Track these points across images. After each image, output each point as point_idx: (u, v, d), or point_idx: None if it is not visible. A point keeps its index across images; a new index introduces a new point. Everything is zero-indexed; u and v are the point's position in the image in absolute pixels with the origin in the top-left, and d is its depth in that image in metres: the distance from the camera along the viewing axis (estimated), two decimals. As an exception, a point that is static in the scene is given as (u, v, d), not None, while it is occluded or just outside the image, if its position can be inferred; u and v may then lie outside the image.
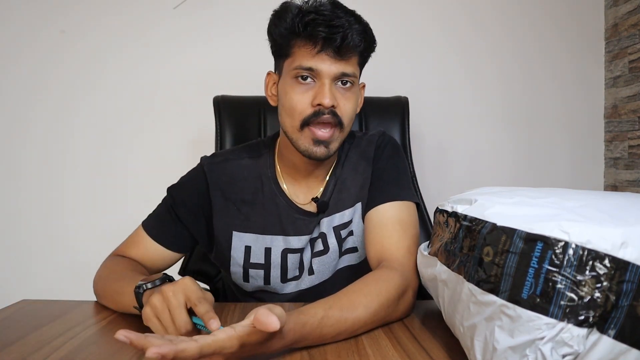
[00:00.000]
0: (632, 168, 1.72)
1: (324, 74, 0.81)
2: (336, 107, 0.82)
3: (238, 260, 0.92)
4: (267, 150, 0.96)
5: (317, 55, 0.80)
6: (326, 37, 0.78)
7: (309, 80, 0.82)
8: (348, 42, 0.79)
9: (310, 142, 0.83)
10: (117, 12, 1.71)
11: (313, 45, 0.80)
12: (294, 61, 0.82)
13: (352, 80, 0.84)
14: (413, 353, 0.60)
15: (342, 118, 0.83)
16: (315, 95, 0.81)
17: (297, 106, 0.82)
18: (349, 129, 0.87)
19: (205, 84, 1.63)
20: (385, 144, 0.97)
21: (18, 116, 1.71)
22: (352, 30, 0.79)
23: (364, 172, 0.94)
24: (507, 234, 0.48)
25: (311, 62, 0.80)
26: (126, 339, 0.48)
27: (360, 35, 0.81)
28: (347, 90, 0.84)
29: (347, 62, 0.82)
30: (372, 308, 0.68)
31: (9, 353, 0.61)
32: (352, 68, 0.83)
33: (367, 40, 0.84)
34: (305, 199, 0.94)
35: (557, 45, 1.83)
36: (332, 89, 0.82)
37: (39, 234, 1.72)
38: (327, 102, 0.80)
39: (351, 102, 0.85)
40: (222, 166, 0.94)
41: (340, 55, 0.80)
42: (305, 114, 0.82)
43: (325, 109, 0.81)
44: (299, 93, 0.82)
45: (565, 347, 0.43)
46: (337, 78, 0.82)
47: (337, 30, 0.78)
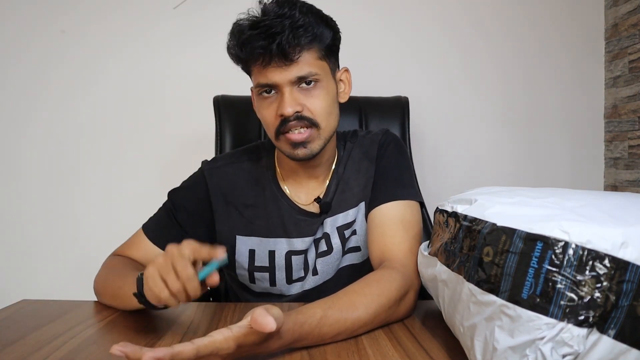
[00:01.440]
0: (632, 168, 1.72)
1: (280, 84, 0.80)
2: (302, 111, 0.82)
3: (243, 264, 0.92)
4: (266, 153, 0.96)
5: (266, 69, 0.79)
6: (264, 52, 0.77)
7: (272, 92, 0.82)
8: (286, 46, 0.77)
9: (289, 146, 0.84)
10: (117, 12, 1.71)
11: (259, 62, 0.79)
12: (254, 79, 0.84)
13: (314, 78, 0.82)
14: (413, 353, 0.60)
15: (313, 118, 0.82)
16: (278, 106, 0.82)
17: (266, 119, 0.84)
18: (330, 124, 0.86)
19: (205, 84, 1.63)
20: (389, 143, 0.96)
21: (18, 116, 1.70)
22: (293, 30, 0.77)
23: (367, 172, 0.94)
24: (507, 234, 0.48)
25: (264, 77, 0.80)
26: (121, 354, 0.48)
27: (306, 29, 0.78)
28: (312, 89, 0.82)
29: (300, 63, 0.79)
30: (372, 309, 0.68)
31: (9, 353, 0.61)
32: (309, 67, 0.80)
33: (316, 31, 0.80)
34: (307, 199, 0.93)
35: (557, 45, 1.83)
36: (292, 95, 0.81)
37: (39, 234, 1.71)
38: (288, 111, 0.80)
39: (319, 99, 0.83)
40: (223, 171, 0.94)
41: (288, 58, 0.78)
42: (275, 126, 0.83)
43: (288, 117, 0.81)
44: (265, 107, 0.84)
45: (565, 347, 0.43)
46: (295, 82, 0.81)
47: (272, 40, 0.76)
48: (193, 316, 0.76)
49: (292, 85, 0.81)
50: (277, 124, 0.83)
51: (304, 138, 0.82)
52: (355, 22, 1.74)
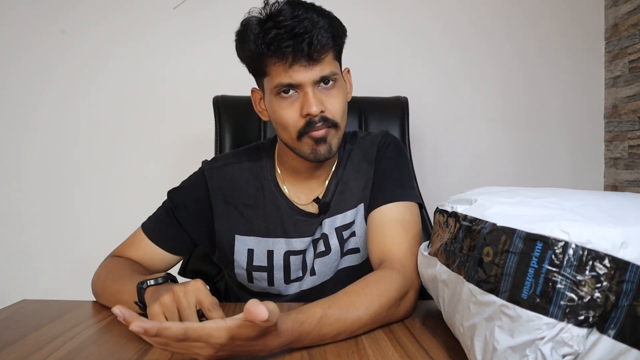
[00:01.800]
0: (632, 168, 1.72)
1: (303, 83, 0.80)
2: (325, 111, 0.82)
3: (241, 264, 0.92)
4: (266, 154, 0.97)
5: (290, 68, 0.79)
6: (293, 50, 0.77)
7: (291, 92, 0.82)
8: (316, 46, 0.77)
9: (312, 144, 0.83)
10: (117, 12, 1.71)
11: (283, 60, 0.78)
12: (272, 80, 0.82)
13: (333, 78, 0.83)
14: (413, 353, 0.60)
15: (334, 119, 0.83)
16: (301, 106, 0.81)
17: (288, 121, 0.82)
18: (344, 123, 0.87)
19: (205, 84, 1.63)
20: (388, 144, 0.96)
21: (18, 116, 1.71)
22: (317, 30, 0.78)
23: (366, 173, 0.94)
24: (507, 234, 0.48)
25: (287, 77, 0.79)
26: (120, 314, 0.51)
27: (327, 31, 0.79)
28: (331, 88, 0.83)
29: (323, 64, 0.81)
30: (372, 309, 0.67)
31: (9, 353, 0.61)
32: (329, 67, 0.82)
33: (335, 33, 0.82)
34: (306, 200, 0.94)
35: (557, 45, 1.83)
36: (315, 94, 0.81)
37: (39, 234, 1.72)
38: (314, 110, 0.80)
39: (338, 99, 0.84)
40: (223, 170, 0.94)
41: (314, 60, 0.79)
42: (299, 126, 0.82)
43: (314, 117, 0.81)
44: (286, 108, 0.82)
45: (565, 347, 0.43)
46: (318, 82, 0.82)
47: (302, 39, 0.76)
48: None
49: (314, 85, 0.81)
50: (302, 124, 0.82)
51: (324, 134, 0.83)
52: (355, 22, 1.73)
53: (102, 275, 0.85)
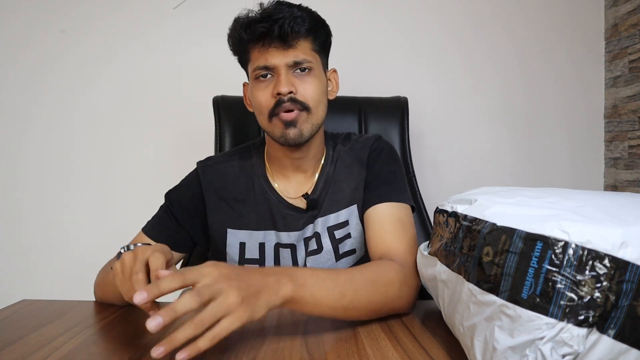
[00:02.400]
0: (632, 168, 1.72)
1: (277, 66, 0.85)
2: (295, 93, 0.86)
3: (233, 257, 0.94)
4: (256, 151, 1.00)
5: (266, 51, 0.85)
6: (265, 31, 0.83)
7: (268, 76, 0.87)
8: (287, 30, 0.83)
9: (282, 127, 0.87)
10: (117, 12, 1.71)
11: (260, 43, 0.85)
12: (252, 65, 0.88)
13: (308, 66, 0.87)
14: (413, 353, 0.60)
15: (305, 102, 0.87)
16: (274, 86, 0.86)
17: (261, 101, 0.87)
18: (320, 112, 0.90)
19: (205, 84, 1.63)
20: (382, 149, 0.98)
21: (18, 116, 1.71)
22: (291, 18, 0.83)
23: (358, 175, 0.96)
24: (507, 233, 0.48)
25: (263, 60, 0.85)
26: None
27: (303, 20, 0.85)
28: (305, 75, 0.87)
29: (297, 49, 0.86)
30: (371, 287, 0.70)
31: (9, 353, 0.61)
32: (304, 54, 0.86)
33: (312, 24, 0.87)
34: (295, 194, 0.96)
35: (557, 45, 1.83)
36: (288, 77, 0.85)
37: (39, 234, 1.72)
38: (283, 90, 0.84)
39: (312, 85, 0.87)
40: (215, 168, 0.98)
41: (287, 43, 0.84)
42: (270, 106, 0.86)
43: (284, 97, 0.85)
44: (261, 89, 0.87)
45: (565, 347, 0.43)
46: (291, 67, 0.86)
47: (275, 22, 0.83)
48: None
49: (288, 69, 0.86)
50: (272, 104, 0.86)
51: (293, 117, 0.86)
52: (355, 22, 1.74)
53: (101, 275, 0.87)
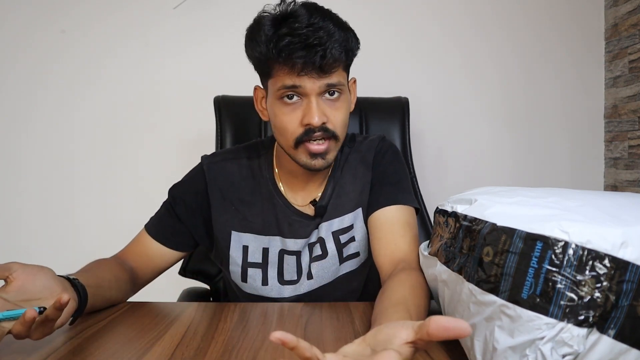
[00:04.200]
0: (632, 168, 1.72)
1: (309, 91, 0.78)
2: (327, 122, 0.80)
3: (236, 260, 0.92)
4: (265, 152, 0.96)
5: (297, 76, 0.77)
6: (305, 62, 0.75)
7: (295, 98, 0.80)
8: (329, 60, 0.76)
9: (308, 156, 0.82)
10: (117, 12, 1.71)
11: (293, 69, 0.77)
12: (277, 82, 0.80)
13: (339, 89, 0.81)
14: (413, 353, 0.60)
15: (335, 131, 0.82)
16: (303, 114, 0.79)
17: (287, 127, 0.81)
18: (344, 136, 0.86)
19: (205, 84, 1.63)
20: (386, 150, 0.97)
21: (18, 116, 1.71)
22: (331, 43, 0.76)
23: (363, 177, 0.94)
24: (507, 233, 0.48)
25: (292, 81, 0.78)
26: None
27: (341, 45, 0.78)
28: (335, 100, 0.82)
29: (331, 75, 0.79)
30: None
31: (9, 353, 0.61)
32: (337, 77, 0.80)
33: (348, 47, 0.80)
34: (303, 201, 0.93)
35: (557, 45, 1.83)
36: (319, 105, 0.79)
37: (39, 234, 1.72)
38: (315, 121, 0.78)
39: (341, 111, 0.83)
40: (221, 165, 0.94)
41: (323, 71, 0.77)
42: (296, 134, 0.81)
43: (315, 127, 0.79)
44: (287, 114, 0.81)
45: (565, 347, 0.43)
46: (323, 92, 0.80)
47: (315, 50, 0.75)
48: (193, 316, 0.76)
49: (319, 95, 0.80)
50: (300, 132, 0.80)
51: (324, 149, 0.82)
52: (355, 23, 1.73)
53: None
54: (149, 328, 0.70)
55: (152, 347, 0.62)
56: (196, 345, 0.63)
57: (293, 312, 0.78)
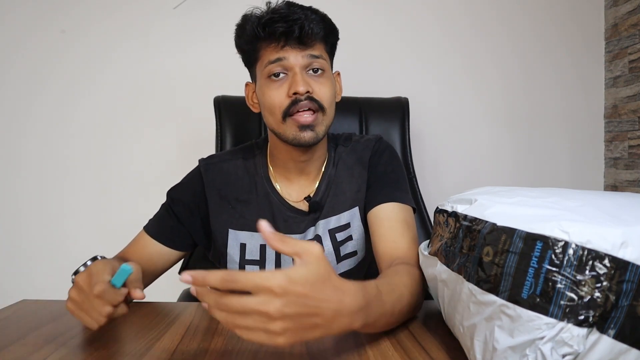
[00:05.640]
0: (632, 168, 1.72)
1: (293, 64, 0.84)
2: (312, 93, 0.84)
3: (234, 257, 0.93)
4: (260, 151, 0.99)
5: (282, 50, 0.84)
6: (286, 31, 0.82)
7: (281, 75, 0.85)
8: (307, 31, 0.83)
9: (296, 129, 0.85)
10: (117, 12, 1.71)
11: (276, 42, 0.84)
12: (263, 62, 0.86)
13: (321, 65, 0.87)
14: (413, 353, 0.60)
15: (321, 102, 0.86)
16: (289, 86, 0.84)
17: (275, 101, 0.85)
18: (331, 113, 0.89)
19: (205, 84, 1.63)
20: (383, 150, 0.98)
21: (18, 116, 1.71)
22: (309, 20, 0.83)
23: (359, 176, 0.95)
24: (507, 233, 0.48)
25: (278, 53, 0.84)
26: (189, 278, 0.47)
27: (319, 23, 0.85)
28: (319, 76, 0.87)
29: (313, 49, 0.85)
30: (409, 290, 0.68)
31: (9, 353, 0.61)
32: (319, 51, 0.86)
33: (326, 27, 0.87)
34: (298, 197, 0.95)
35: (557, 45, 1.83)
36: (304, 76, 0.84)
37: (39, 233, 1.72)
38: (301, 89, 0.82)
39: (326, 87, 0.87)
40: (218, 167, 0.97)
41: (304, 43, 0.84)
42: (284, 106, 0.84)
43: (301, 96, 0.83)
44: (274, 89, 0.85)
45: (565, 347, 0.43)
46: (307, 66, 0.85)
47: (295, 23, 0.82)
48: (193, 316, 0.76)
49: (303, 69, 0.85)
50: (287, 104, 0.84)
51: (311, 121, 0.85)
52: (355, 23, 1.74)
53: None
54: (149, 328, 0.70)
55: (152, 347, 0.62)
56: (196, 345, 0.63)
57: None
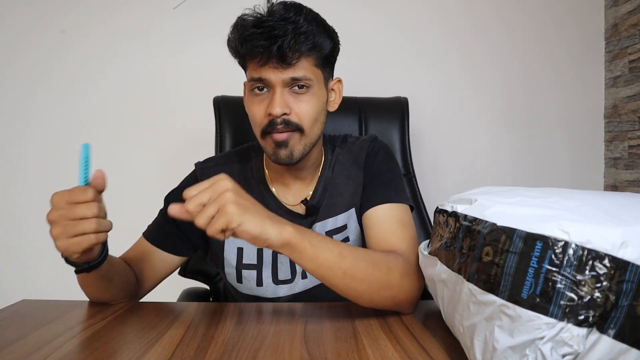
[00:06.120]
0: (632, 168, 1.72)
1: (273, 82, 0.81)
2: (289, 114, 0.82)
3: (231, 262, 0.93)
4: (256, 155, 0.99)
5: (262, 67, 0.81)
6: (264, 50, 0.78)
7: (264, 90, 0.83)
8: (286, 50, 0.78)
9: (273, 146, 0.84)
10: (117, 12, 1.71)
11: (257, 59, 0.81)
12: (248, 75, 0.85)
13: (306, 83, 0.83)
14: (413, 353, 0.60)
15: (299, 123, 0.83)
16: (268, 104, 0.82)
17: (255, 117, 0.85)
18: (314, 131, 0.86)
19: (205, 84, 1.63)
20: (378, 150, 0.98)
21: (18, 116, 1.71)
22: (295, 35, 0.78)
23: (356, 178, 0.95)
24: (507, 233, 0.48)
25: (258, 74, 0.82)
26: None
27: (308, 38, 0.80)
28: (302, 93, 0.83)
29: (296, 67, 0.81)
30: (374, 265, 0.72)
31: (9, 353, 0.61)
32: (303, 71, 0.82)
33: (317, 40, 0.82)
34: (294, 200, 0.95)
35: (557, 45, 1.83)
36: (283, 96, 0.82)
37: (38, 233, 1.71)
38: (277, 111, 0.81)
39: (308, 105, 0.84)
40: (214, 170, 0.95)
41: (285, 62, 0.79)
42: (263, 124, 0.84)
43: (277, 118, 0.82)
44: (256, 104, 0.84)
45: (565, 347, 0.43)
46: (288, 84, 0.82)
47: (274, 41, 0.77)
48: (193, 316, 0.76)
49: (285, 87, 0.82)
50: (265, 123, 0.83)
51: (285, 138, 0.83)
52: (355, 23, 1.74)
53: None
54: (149, 328, 0.70)
55: (152, 347, 0.62)
56: (196, 345, 0.63)
57: (293, 312, 0.78)
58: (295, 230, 0.67)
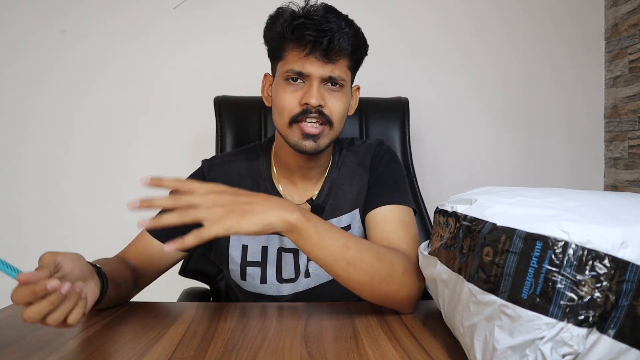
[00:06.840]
0: (632, 168, 1.72)
1: (312, 76, 0.84)
2: (324, 107, 0.85)
3: (236, 259, 0.93)
4: (263, 153, 0.99)
5: (305, 58, 0.83)
6: (313, 41, 0.81)
7: (298, 81, 0.85)
8: (335, 46, 0.81)
9: (300, 136, 0.86)
10: (117, 12, 1.71)
11: (302, 48, 0.82)
12: (285, 64, 0.86)
13: (341, 82, 0.86)
14: (413, 353, 0.60)
15: (330, 117, 0.86)
16: (303, 94, 0.84)
17: (286, 105, 0.85)
18: (339, 128, 0.89)
19: (205, 84, 1.63)
20: (383, 153, 0.99)
21: (18, 117, 1.71)
22: (341, 34, 0.82)
23: (360, 180, 0.96)
24: (507, 233, 0.48)
25: (300, 65, 0.83)
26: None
27: (349, 39, 0.84)
28: (335, 91, 0.86)
29: (336, 65, 0.84)
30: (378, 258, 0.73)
31: (9, 353, 0.61)
32: (340, 71, 0.85)
33: (356, 44, 0.86)
34: (300, 200, 0.96)
35: (557, 45, 1.83)
36: (320, 89, 0.84)
37: (38, 233, 1.71)
38: (313, 102, 0.83)
39: (340, 102, 0.87)
40: (221, 167, 0.97)
41: (328, 58, 0.83)
42: (293, 112, 0.85)
43: (312, 108, 0.84)
44: (289, 92, 0.85)
45: (565, 347, 0.43)
46: (326, 80, 0.85)
47: (325, 34, 0.81)
48: (193, 316, 0.76)
49: (321, 82, 0.85)
50: (297, 111, 0.85)
51: (317, 132, 0.85)
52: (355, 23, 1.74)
53: None
54: (149, 328, 0.70)
55: (152, 347, 0.63)
56: (196, 345, 0.63)
57: (293, 312, 0.78)
58: (302, 215, 0.67)
